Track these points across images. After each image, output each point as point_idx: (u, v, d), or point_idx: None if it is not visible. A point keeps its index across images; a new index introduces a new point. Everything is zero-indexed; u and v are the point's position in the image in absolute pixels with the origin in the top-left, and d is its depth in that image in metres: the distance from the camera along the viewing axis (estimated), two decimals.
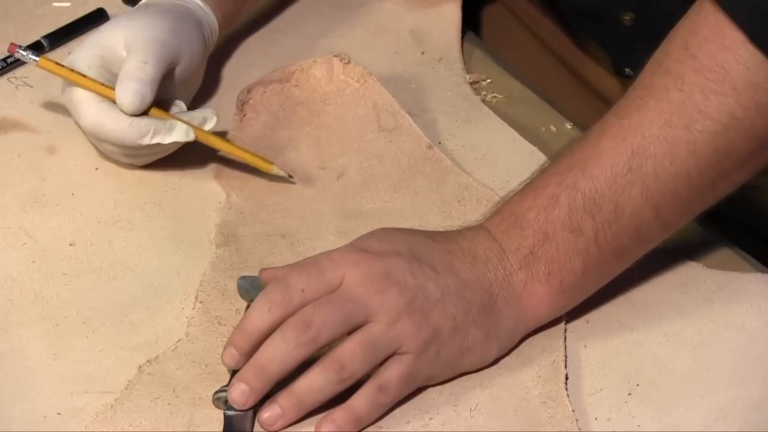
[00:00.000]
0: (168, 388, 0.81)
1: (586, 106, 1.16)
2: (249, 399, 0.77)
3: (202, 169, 0.98)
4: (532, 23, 1.21)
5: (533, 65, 1.18)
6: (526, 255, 0.82)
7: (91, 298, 0.88)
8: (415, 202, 0.96)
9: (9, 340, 0.85)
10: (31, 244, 0.92)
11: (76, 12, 1.13)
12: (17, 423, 0.79)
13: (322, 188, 0.97)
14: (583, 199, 0.82)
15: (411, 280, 0.80)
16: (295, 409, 0.78)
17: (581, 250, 0.82)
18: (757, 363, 0.84)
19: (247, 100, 1.02)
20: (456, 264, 0.82)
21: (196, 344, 0.84)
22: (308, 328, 0.77)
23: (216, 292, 0.87)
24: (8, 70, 1.07)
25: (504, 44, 1.20)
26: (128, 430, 0.78)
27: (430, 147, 1.00)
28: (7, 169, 0.98)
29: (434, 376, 0.81)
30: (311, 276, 0.79)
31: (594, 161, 0.82)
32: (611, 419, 0.80)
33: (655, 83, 0.83)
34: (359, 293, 0.78)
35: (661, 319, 0.86)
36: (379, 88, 1.03)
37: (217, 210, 0.95)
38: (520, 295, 0.82)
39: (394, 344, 0.78)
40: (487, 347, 0.82)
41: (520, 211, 0.83)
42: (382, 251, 0.81)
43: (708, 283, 0.89)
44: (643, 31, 1.06)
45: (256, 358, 0.78)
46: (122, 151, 0.95)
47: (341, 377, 0.77)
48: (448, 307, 0.80)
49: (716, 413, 0.80)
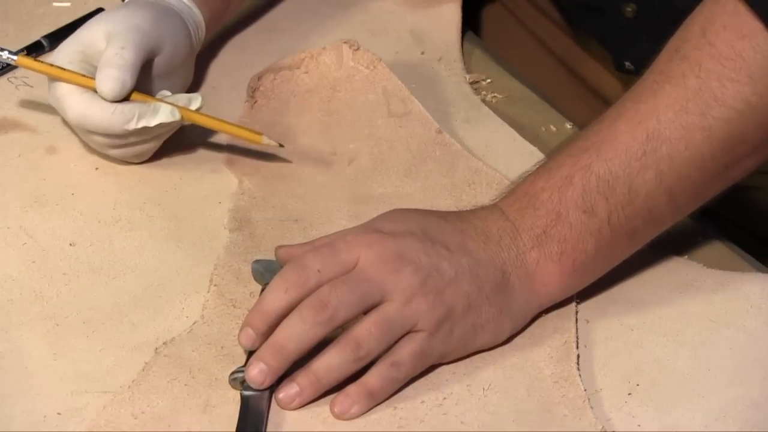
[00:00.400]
0: (184, 369, 0.81)
1: (586, 105, 1.16)
2: (267, 378, 0.78)
3: (202, 168, 0.98)
4: (531, 23, 1.21)
5: (533, 65, 1.18)
6: (539, 234, 0.83)
7: (91, 298, 0.88)
8: (426, 186, 0.97)
9: (9, 340, 0.85)
10: (31, 244, 0.92)
11: (76, 12, 1.13)
12: (17, 423, 0.79)
13: (333, 173, 0.98)
14: (597, 180, 0.83)
15: (425, 259, 0.81)
16: (312, 388, 0.79)
17: (594, 231, 0.83)
18: (757, 363, 0.83)
19: (258, 87, 1.03)
20: (469, 243, 0.83)
21: (211, 326, 0.85)
22: (325, 307, 0.78)
23: (230, 275, 0.88)
24: (8, 70, 1.07)
25: (504, 44, 1.20)
26: (146, 410, 0.79)
27: (439, 132, 1.01)
28: (7, 169, 0.98)
29: (448, 353, 0.82)
30: (327, 257, 0.80)
31: (609, 144, 0.83)
32: (611, 419, 0.80)
33: (671, 69, 0.83)
34: (374, 273, 0.80)
35: (661, 319, 0.86)
36: (388, 74, 1.04)
37: (229, 197, 0.96)
38: (532, 274, 0.83)
39: (409, 323, 0.79)
40: (501, 325, 0.82)
41: (534, 191, 0.84)
42: (396, 232, 0.82)
43: (708, 283, 0.89)
44: (644, 23, 1.06)
45: (274, 338, 0.79)
46: (112, 142, 0.95)
47: (358, 356, 0.78)
48: (461, 286, 0.81)
49: (716, 413, 0.80)
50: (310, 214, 0.94)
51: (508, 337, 0.84)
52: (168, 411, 0.79)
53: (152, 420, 0.78)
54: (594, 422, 0.79)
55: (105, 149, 0.97)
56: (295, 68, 1.04)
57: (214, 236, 0.92)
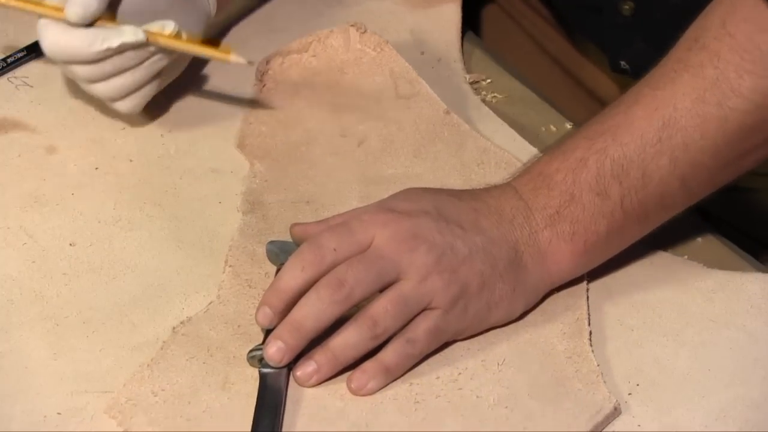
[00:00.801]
0: (202, 348, 0.83)
1: (583, 106, 1.17)
2: (285, 356, 0.79)
3: (202, 168, 0.98)
4: (528, 25, 1.21)
5: (532, 66, 1.18)
6: (552, 214, 0.84)
7: (91, 298, 0.88)
8: (435, 166, 0.98)
9: (9, 340, 0.85)
10: (31, 244, 0.92)
11: None
12: (17, 423, 0.79)
13: (343, 155, 0.99)
14: (611, 164, 0.84)
15: (439, 238, 0.82)
16: (330, 365, 0.80)
17: (606, 213, 0.84)
18: (757, 363, 0.84)
19: (266, 71, 1.05)
20: (483, 222, 0.84)
21: (227, 306, 0.86)
22: (342, 286, 0.79)
23: (245, 256, 0.89)
24: (8, 70, 1.07)
25: (503, 44, 1.20)
26: (166, 388, 0.80)
27: (447, 112, 1.02)
28: (7, 169, 0.98)
29: (462, 330, 0.83)
30: (342, 236, 0.81)
31: (625, 129, 0.84)
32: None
33: (690, 58, 0.84)
34: (389, 252, 0.81)
35: (661, 319, 0.86)
36: (395, 56, 1.05)
37: (241, 179, 0.97)
38: (544, 252, 0.84)
39: (424, 300, 0.81)
40: (514, 301, 0.84)
41: (549, 171, 0.85)
42: (410, 211, 0.83)
43: (708, 283, 0.89)
44: (641, 21, 1.06)
45: (292, 316, 0.80)
46: (88, 73, 0.95)
47: (374, 333, 0.80)
48: (475, 264, 0.82)
49: (716, 413, 0.80)
50: (322, 195, 0.96)
51: (520, 314, 0.85)
52: (187, 388, 0.80)
53: (172, 397, 0.80)
54: (608, 396, 0.80)
55: (87, 86, 0.96)
56: (303, 51, 1.06)
57: (214, 236, 0.92)
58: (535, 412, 0.79)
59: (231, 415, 0.79)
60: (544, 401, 0.80)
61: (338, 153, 0.99)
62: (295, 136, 1.01)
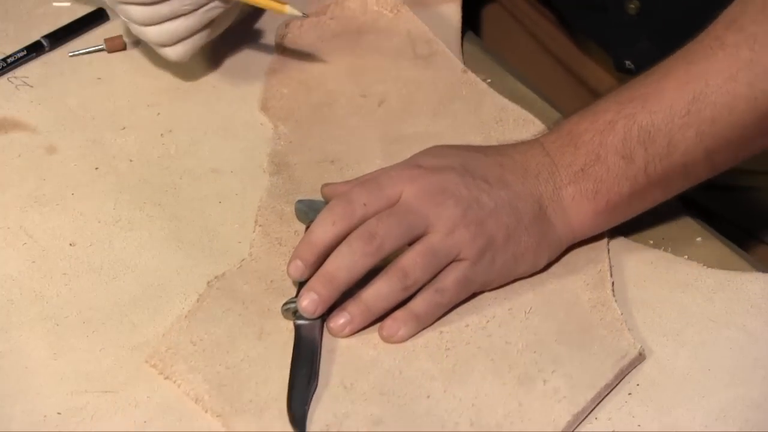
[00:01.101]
0: (237, 301, 0.86)
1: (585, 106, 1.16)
2: (318, 307, 0.82)
3: (202, 167, 0.98)
4: (530, 24, 1.21)
5: (533, 65, 1.18)
6: (577, 171, 0.86)
7: (91, 298, 0.88)
8: (455, 124, 1.01)
9: (9, 340, 0.85)
10: (31, 244, 0.92)
11: (76, 12, 1.13)
12: (17, 423, 0.79)
13: (364, 115, 1.02)
14: (638, 130, 0.85)
15: (465, 192, 0.84)
16: (362, 316, 0.83)
17: (630, 177, 0.86)
18: (757, 363, 0.83)
19: (286, 34, 1.07)
20: (508, 176, 0.86)
21: (259, 263, 0.89)
22: (373, 238, 0.82)
23: (274, 216, 0.92)
24: (8, 70, 1.07)
25: (504, 44, 1.20)
26: (204, 337, 0.83)
27: (465, 71, 1.05)
28: (7, 169, 0.98)
29: (489, 281, 0.85)
30: (372, 191, 0.84)
31: (655, 98, 0.86)
32: (611, 419, 0.80)
33: (727, 37, 0.85)
34: (417, 206, 0.83)
35: (661, 319, 0.86)
36: (412, 17, 1.08)
37: (267, 140, 1.00)
38: (567, 208, 0.86)
39: (453, 252, 0.83)
40: (539, 254, 0.86)
41: (577, 131, 0.87)
42: (437, 167, 0.85)
43: (708, 283, 0.89)
44: (647, 20, 1.06)
45: (325, 268, 0.82)
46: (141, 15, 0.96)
47: (405, 285, 0.82)
48: (501, 217, 0.84)
49: (716, 413, 0.80)
50: (346, 154, 0.98)
51: (545, 266, 0.87)
52: (225, 338, 0.83)
53: (211, 346, 0.83)
54: (633, 342, 0.83)
55: (139, 29, 0.97)
56: (321, 15, 1.08)
57: (214, 236, 0.92)
58: (562, 356, 0.82)
59: (268, 363, 0.82)
60: (571, 347, 0.83)
61: (359, 113, 1.02)
62: (316, 97, 1.03)
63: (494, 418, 0.79)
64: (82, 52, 1.09)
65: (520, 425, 0.78)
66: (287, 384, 0.80)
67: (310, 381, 0.80)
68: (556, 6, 1.17)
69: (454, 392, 0.80)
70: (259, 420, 0.79)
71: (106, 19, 1.12)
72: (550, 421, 0.78)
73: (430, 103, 1.02)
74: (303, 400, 0.79)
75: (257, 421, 0.79)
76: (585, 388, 0.80)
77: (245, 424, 0.78)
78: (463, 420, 0.79)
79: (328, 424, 0.78)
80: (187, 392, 0.80)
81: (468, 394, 0.80)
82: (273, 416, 0.79)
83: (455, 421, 0.79)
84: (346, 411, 0.79)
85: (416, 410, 0.79)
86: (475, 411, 0.79)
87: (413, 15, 1.08)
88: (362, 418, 0.79)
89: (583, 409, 0.79)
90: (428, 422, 0.79)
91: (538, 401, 0.80)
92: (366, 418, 0.79)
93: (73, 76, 1.07)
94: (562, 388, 0.80)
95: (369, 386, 0.81)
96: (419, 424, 0.79)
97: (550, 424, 0.78)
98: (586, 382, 0.81)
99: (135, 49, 1.10)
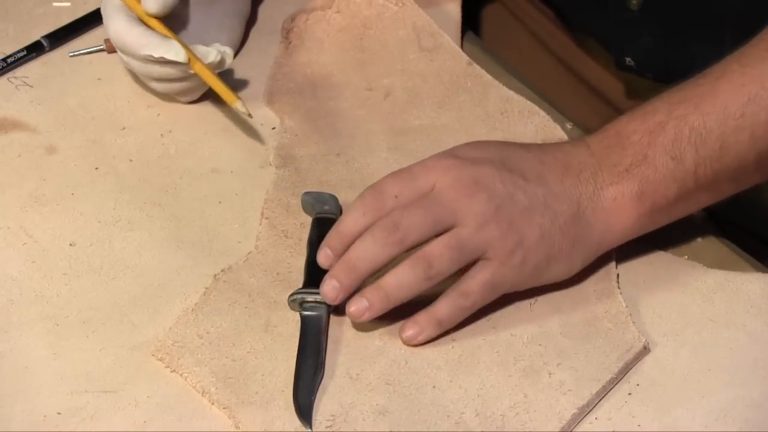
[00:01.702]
0: (243, 293, 0.86)
1: (586, 105, 1.16)
2: (339, 294, 0.82)
3: (202, 168, 0.98)
4: (531, 23, 1.21)
5: (533, 65, 1.18)
6: (621, 171, 0.84)
7: (91, 298, 0.88)
8: (460, 116, 1.01)
9: (9, 340, 0.85)
10: (31, 244, 0.92)
11: (76, 12, 1.13)
12: (17, 423, 0.79)
13: (370, 108, 1.02)
14: (690, 131, 0.84)
15: (500, 187, 0.82)
16: (381, 303, 0.81)
17: (678, 178, 0.84)
18: (757, 363, 0.83)
19: (292, 28, 1.08)
20: (547, 174, 0.84)
21: (266, 255, 0.89)
22: (396, 229, 0.81)
23: (280, 208, 0.93)
24: (8, 70, 1.07)
25: (504, 44, 1.20)
26: (210, 330, 0.84)
27: (469, 63, 1.05)
28: (7, 169, 0.98)
29: (519, 283, 0.83)
30: (404, 181, 0.83)
31: (708, 99, 0.84)
32: (611, 419, 0.80)
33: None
34: (448, 198, 0.81)
35: (661, 319, 0.86)
36: (417, 10, 1.08)
37: (272, 135, 1.00)
38: (608, 209, 0.84)
39: (480, 248, 0.81)
40: (573, 257, 0.84)
41: (626, 132, 0.85)
42: (474, 158, 0.83)
43: (708, 283, 0.89)
44: (649, 15, 1.06)
45: (347, 256, 0.82)
46: (135, 67, 0.98)
47: (428, 275, 0.81)
48: (534, 216, 0.82)
49: (716, 413, 0.80)
50: (351, 147, 0.98)
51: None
52: (231, 331, 0.84)
53: (217, 339, 0.83)
54: (637, 336, 0.83)
55: (147, 81, 1.00)
56: (326, 8, 1.08)
57: (214, 236, 0.92)
58: (567, 349, 0.83)
59: (274, 355, 0.82)
60: (576, 339, 0.83)
61: (365, 106, 1.02)
62: (322, 90, 1.04)
63: (500, 409, 0.79)
64: (82, 52, 1.09)
65: (525, 417, 0.79)
66: (293, 375, 0.80)
67: (316, 371, 0.81)
68: (556, 3, 1.17)
69: (459, 382, 0.81)
70: (266, 411, 0.79)
71: None
72: (555, 414, 0.79)
73: (435, 96, 1.03)
74: (309, 390, 0.80)
75: (264, 413, 0.79)
76: (590, 381, 0.81)
77: (252, 416, 0.79)
78: (468, 410, 0.79)
79: (334, 414, 0.79)
80: (194, 385, 0.81)
81: (473, 385, 0.80)
82: (279, 408, 0.79)
83: (461, 411, 0.79)
84: (352, 401, 0.80)
85: (422, 400, 0.80)
86: (481, 401, 0.79)
87: (418, 8, 1.08)
88: (368, 408, 0.79)
89: (588, 402, 0.80)
90: (434, 412, 0.79)
91: (543, 393, 0.80)
92: (372, 408, 0.79)
93: (73, 76, 1.07)
94: (567, 380, 0.81)
95: (375, 376, 0.81)
96: (425, 413, 0.79)
97: (555, 416, 0.79)
98: (591, 375, 0.81)
99: None
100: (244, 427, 0.78)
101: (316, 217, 0.91)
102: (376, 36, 1.07)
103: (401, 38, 1.07)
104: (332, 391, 0.80)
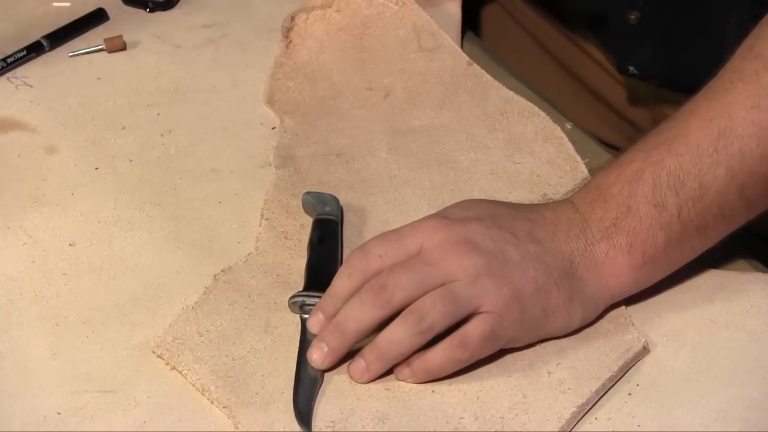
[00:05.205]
0: (243, 294, 0.86)
1: (585, 106, 1.16)
2: (327, 359, 0.81)
3: (202, 168, 0.98)
4: (530, 24, 1.21)
5: (532, 66, 1.18)
6: (608, 226, 0.84)
7: (91, 298, 0.88)
8: (460, 116, 1.01)
9: (9, 340, 0.85)
10: (31, 244, 0.92)
11: (76, 12, 1.13)
12: (17, 423, 0.79)
13: (370, 108, 1.03)
14: (667, 175, 0.83)
15: (490, 244, 0.81)
16: (378, 362, 0.80)
17: (664, 225, 0.84)
18: (757, 363, 0.83)
19: (292, 27, 1.08)
20: (537, 232, 0.83)
21: (265, 257, 0.89)
22: (383, 290, 0.80)
23: (280, 209, 0.93)
24: (8, 70, 1.07)
25: (504, 44, 1.20)
26: (210, 329, 0.84)
27: (470, 64, 1.06)
28: (7, 169, 0.98)
29: (518, 338, 0.82)
30: (390, 242, 0.82)
31: (681, 140, 0.84)
32: (611, 419, 0.80)
33: (745, 67, 0.84)
34: (437, 257, 0.80)
35: (661, 319, 0.86)
36: (417, 10, 1.09)
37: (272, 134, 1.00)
38: (601, 265, 0.84)
39: (475, 301, 0.80)
40: (571, 311, 0.83)
41: (605, 185, 0.85)
42: (463, 218, 0.83)
43: (708, 283, 0.89)
44: (648, 29, 1.06)
45: (335, 319, 0.81)
46: None
47: (420, 329, 0.79)
48: (528, 270, 0.81)
49: (716, 413, 0.80)
50: (351, 147, 0.99)
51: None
52: (231, 330, 0.84)
53: (217, 337, 0.83)
54: (637, 336, 0.83)
55: None
56: (326, 7, 1.09)
57: (214, 236, 0.92)
58: (567, 349, 0.82)
59: (274, 355, 0.82)
60: (576, 340, 0.83)
61: (365, 106, 1.03)
62: (322, 90, 1.04)
63: (499, 411, 0.79)
64: (82, 52, 1.09)
65: (525, 417, 0.78)
66: (293, 378, 0.80)
67: (317, 377, 0.81)
68: (559, 12, 1.17)
69: (459, 386, 0.80)
70: (266, 413, 0.79)
71: (106, 19, 1.12)
72: (555, 413, 0.79)
73: (435, 96, 1.03)
74: (309, 396, 0.80)
75: (263, 414, 0.79)
76: (589, 379, 0.80)
77: (251, 417, 0.79)
78: (467, 414, 0.79)
79: (334, 421, 0.78)
80: (193, 383, 0.81)
81: (473, 387, 0.80)
82: (279, 410, 0.79)
83: (460, 415, 0.79)
84: (351, 407, 0.79)
85: (421, 405, 0.79)
86: (480, 404, 0.79)
87: (418, 8, 1.09)
88: (368, 414, 0.79)
89: (587, 400, 0.80)
90: (433, 417, 0.79)
91: (542, 393, 0.80)
92: (371, 414, 0.79)
93: (73, 76, 1.07)
94: (566, 379, 0.80)
95: (374, 382, 0.81)
96: (424, 419, 0.79)
97: (554, 416, 0.78)
98: (590, 374, 0.81)
99: (135, 49, 1.10)
100: (243, 428, 0.78)
101: (317, 219, 0.91)
102: (376, 35, 1.08)
103: (401, 38, 1.08)
104: (332, 396, 0.80)
